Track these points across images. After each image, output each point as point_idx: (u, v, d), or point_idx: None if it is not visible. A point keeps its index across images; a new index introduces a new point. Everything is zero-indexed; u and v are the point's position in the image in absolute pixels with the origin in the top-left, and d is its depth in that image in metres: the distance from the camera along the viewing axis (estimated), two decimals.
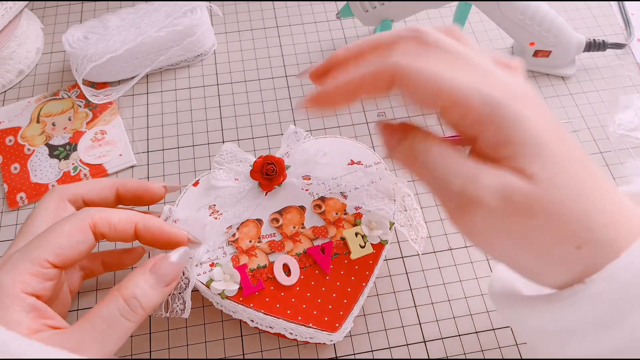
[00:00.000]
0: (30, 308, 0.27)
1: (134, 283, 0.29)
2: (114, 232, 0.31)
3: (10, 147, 0.49)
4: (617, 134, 0.48)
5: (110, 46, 0.49)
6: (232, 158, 0.41)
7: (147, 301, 0.29)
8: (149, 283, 0.29)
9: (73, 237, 0.29)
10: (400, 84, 0.25)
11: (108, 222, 0.31)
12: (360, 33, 0.57)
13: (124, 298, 0.28)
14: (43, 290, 0.28)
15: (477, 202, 0.22)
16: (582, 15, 0.58)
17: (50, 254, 0.28)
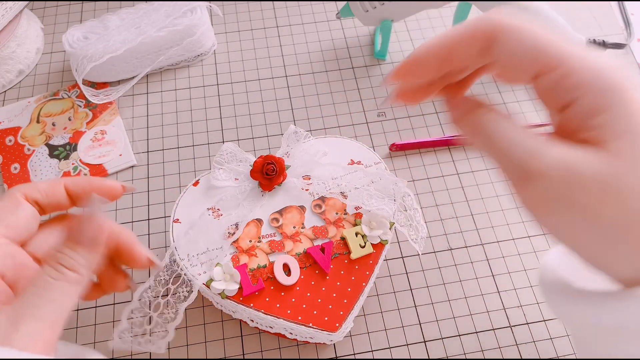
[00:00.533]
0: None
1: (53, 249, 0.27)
2: (46, 197, 0.30)
3: (10, 147, 0.49)
4: None
5: (110, 46, 0.49)
6: (232, 158, 0.41)
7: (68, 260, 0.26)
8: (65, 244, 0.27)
9: (11, 209, 0.29)
10: (501, 43, 0.23)
11: (37, 188, 0.30)
12: (360, 33, 0.57)
13: (45, 263, 0.26)
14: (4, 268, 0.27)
15: (538, 173, 0.21)
16: (583, 15, 0.58)
17: (1, 227, 0.28)
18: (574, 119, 0.22)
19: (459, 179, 0.47)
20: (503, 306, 0.41)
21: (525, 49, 0.23)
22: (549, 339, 0.39)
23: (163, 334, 0.34)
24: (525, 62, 0.23)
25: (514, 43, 0.23)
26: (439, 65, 0.25)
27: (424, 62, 0.25)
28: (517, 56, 0.23)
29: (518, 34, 0.23)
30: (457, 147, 0.49)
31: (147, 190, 0.46)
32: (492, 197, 0.46)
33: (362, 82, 0.53)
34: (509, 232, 0.44)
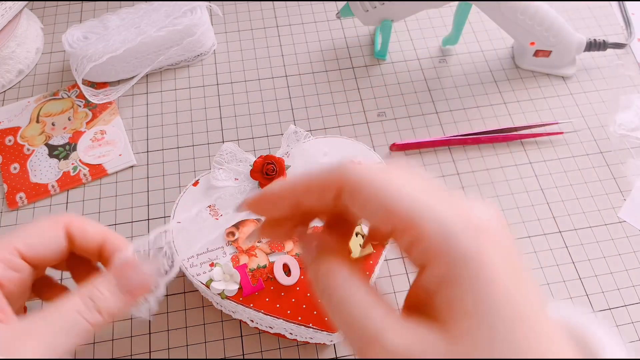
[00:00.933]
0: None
1: (94, 284, 0.28)
2: (84, 239, 0.30)
3: (9, 147, 0.49)
4: (618, 134, 0.48)
5: (110, 46, 0.49)
6: (232, 158, 0.41)
7: (106, 305, 0.27)
8: (109, 288, 0.28)
9: (45, 231, 0.29)
10: (349, 196, 0.21)
11: (83, 226, 0.30)
12: (360, 33, 0.57)
13: (80, 297, 0.27)
14: (5, 279, 0.27)
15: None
16: (583, 15, 0.58)
17: (21, 243, 0.28)
18: (424, 289, 0.20)
19: (459, 179, 0.47)
20: None
21: (373, 208, 0.21)
22: None
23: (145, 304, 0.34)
24: (375, 220, 0.21)
25: (362, 201, 0.21)
26: (290, 207, 0.24)
27: (274, 202, 0.24)
28: (365, 214, 0.21)
29: (367, 191, 0.21)
30: (457, 147, 0.49)
31: (147, 190, 0.46)
32: (493, 197, 0.46)
33: (362, 82, 0.53)
34: None
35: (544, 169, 0.47)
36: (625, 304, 0.41)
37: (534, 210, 0.45)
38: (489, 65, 0.54)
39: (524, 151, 0.48)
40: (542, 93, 0.52)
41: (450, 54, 0.55)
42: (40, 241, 0.29)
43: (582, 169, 0.47)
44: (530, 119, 0.50)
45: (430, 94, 0.52)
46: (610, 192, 0.46)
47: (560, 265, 0.42)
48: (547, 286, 0.41)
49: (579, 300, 0.41)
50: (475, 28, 0.57)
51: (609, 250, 0.43)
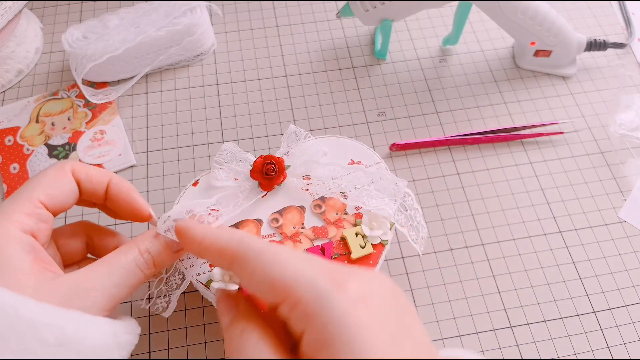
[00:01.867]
0: (29, 248, 0.27)
1: (148, 240, 0.30)
2: (89, 182, 0.31)
3: (9, 147, 0.49)
4: (618, 134, 0.48)
5: (110, 46, 0.48)
6: (232, 158, 0.40)
7: (159, 259, 0.30)
8: (160, 243, 0.30)
9: (58, 179, 0.30)
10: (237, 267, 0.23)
11: (86, 170, 0.32)
12: (360, 33, 0.57)
13: (139, 251, 0.29)
14: (39, 231, 0.28)
15: None
16: (583, 15, 0.58)
17: (42, 194, 0.29)
18: (307, 351, 0.21)
19: (459, 179, 0.47)
20: (504, 306, 0.41)
21: (258, 279, 0.22)
22: (549, 339, 0.39)
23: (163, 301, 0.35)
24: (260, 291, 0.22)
25: (248, 273, 0.23)
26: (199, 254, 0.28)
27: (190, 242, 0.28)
28: (252, 285, 0.23)
29: (254, 263, 0.22)
30: (457, 147, 0.49)
31: (147, 190, 0.46)
32: (492, 197, 0.46)
33: (362, 82, 0.53)
34: (510, 232, 0.44)
35: (544, 169, 0.47)
36: (625, 304, 0.41)
37: (534, 210, 0.45)
38: (489, 65, 0.54)
39: (524, 151, 0.48)
40: (542, 93, 0.52)
41: (451, 54, 0.55)
42: (57, 189, 0.30)
43: (583, 169, 0.47)
44: (530, 119, 0.50)
45: (431, 93, 0.52)
46: (610, 192, 0.46)
47: (560, 265, 0.42)
48: (547, 286, 0.41)
49: (579, 300, 0.41)
50: (475, 28, 0.57)
51: (609, 250, 0.43)
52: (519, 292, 0.41)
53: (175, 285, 0.34)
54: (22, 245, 0.26)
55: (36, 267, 0.26)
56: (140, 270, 0.29)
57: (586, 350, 0.39)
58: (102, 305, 0.26)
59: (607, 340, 0.39)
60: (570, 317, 0.40)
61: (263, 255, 0.23)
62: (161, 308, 0.35)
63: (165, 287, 0.35)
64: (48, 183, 0.30)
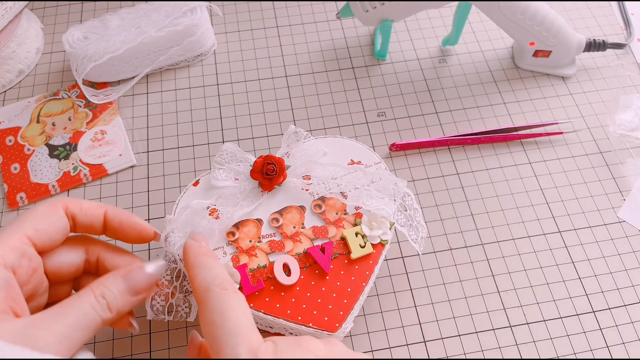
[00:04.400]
0: (3, 283, 0.27)
1: (104, 284, 0.29)
2: (84, 216, 0.32)
3: (10, 147, 0.49)
4: (617, 134, 0.48)
5: (110, 46, 0.49)
6: (232, 158, 0.41)
7: (115, 304, 0.29)
8: (118, 288, 0.29)
9: (49, 214, 0.30)
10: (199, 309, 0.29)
11: (79, 205, 0.32)
12: (360, 33, 0.57)
13: (94, 295, 0.28)
14: (20, 267, 0.28)
15: None
16: (582, 15, 0.58)
17: (30, 229, 0.29)
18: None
19: (459, 179, 0.47)
20: (503, 306, 0.41)
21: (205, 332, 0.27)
22: (549, 339, 0.39)
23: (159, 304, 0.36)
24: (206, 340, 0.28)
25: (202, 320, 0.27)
26: None
27: None
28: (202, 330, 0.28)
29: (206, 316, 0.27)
30: (457, 147, 0.49)
31: (147, 190, 0.46)
32: (492, 197, 0.46)
33: (362, 82, 0.53)
34: (509, 232, 0.44)
35: (544, 169, 0.47)
36: (625, 304, 0.41)
37: (534, 210, 0.45)
38: (488, 65, 0.54)
39: (523, 151, 0.48)
40: (541, 93, 0.52)
41: (450, 54, 0.55)
42: (47, 224, 0.30)
43: (582, 169, 0.47)
44: (530, 119, 0.50)
45: (430, 94, 0.52)
46: (609, 192, 0.46)
47: (560, 265, 0.43)
48: (546, 286, 0.41)
49: (578, 300, 0.41)
50: (475, 28, 0.57)
51: (609, 250, 0.43)
52: (519, 292, 0.41)
53: (190, 289, 0.35)
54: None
55: (2, 305, 0.26)
56: (96, 313, 0.28)
57: (585, 350, 0.39)
58: (55, 347, 0.25)
59: (606, 340, 0.39)
60: (569, 316, 0.40)
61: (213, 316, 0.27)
62: (184, 314, 0.35)
63: (182, 293, 0.35)
64: (37, 218, 0.30)
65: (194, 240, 0.33)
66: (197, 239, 0.33)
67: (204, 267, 0.30)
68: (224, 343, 0.26)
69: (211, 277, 0.29)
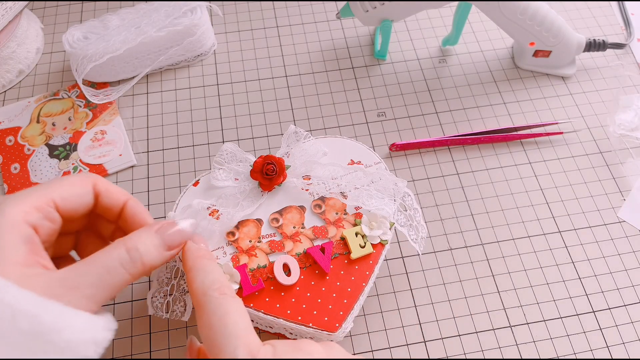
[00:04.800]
0: (27, 239, 0.27)
1: (138, 237, 0.29)
2: (107, 197, 0.32)
3: (10, 147, 0.49)
4: (617, 134, 0.48)
5: (110, 46, 0.49)
6: (232, 158, 0.41)
7: (148, 257, 0.29)
8: (153, 241, 0.30)
9: (77, 186, 0.30)
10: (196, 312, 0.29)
11: (107, 186, 0.32)
12: (360, 33, 0.57)
13: (126, 248, 0.28)
14: (42, 227, 0.28)
15: None
16: (582, 15, 0.58)
17: (56, 195, 0.29)
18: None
19: (459, 179, 0.47)
20: (503, 306, 0.41)
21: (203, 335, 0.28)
22: (549, 339, 0.39)
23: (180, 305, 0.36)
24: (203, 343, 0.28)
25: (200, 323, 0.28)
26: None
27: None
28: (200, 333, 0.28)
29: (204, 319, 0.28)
30: (457, 147, 0.49)
31: (147, 190, 0.46)
32: (492, 197, 0.46)
33: (362, 82, 0.53)
34: (509, 232, 0.44)
35: (544, 169, 0.47)
36: (625, 304, 0.41)
37: (534, 210, 0.45)
38: (488, 65, 0.54)
39: (523, 151, 0.48)
40: (541, 93, 0.52)
41: (450, 54, 0.55)
42: (73, 195, 0.30)
43: (582, 169, 0.47)
44: (529, 119, 0.50)
45: (430, 94, 0.52)
46: (609, 192, 0.46)
47: (560, 265, 0.43)
48: (546, 286, 0.41)
49: (578, 300, 0.41)
50: (475, 28, 0.57)
51: (609, 250, 0.43)
52: (519, 292, 0.41)
53: (187, 289, 0.34)
54: (20, 234, 0.27)
55: (29, 258, 0.26)
56: (124, 269, 0.28)
57: (585, 350, 0.39)
58: (80, 305, 0.26)
59: (606, 340, 0.39)
60: (569, 316, 0.40)
61: (211, 319, 0.27)
62: (179, 313, 0.35)
63: (178, 292, 0.35)
64: (66, 187, 0.30)
65: (194, 241, 0.33)
66: (197, 240, 0.33)
67: (203, 271, 0.30)
68: (223, 346, 0.26)
69: (209, 281, 0.29)
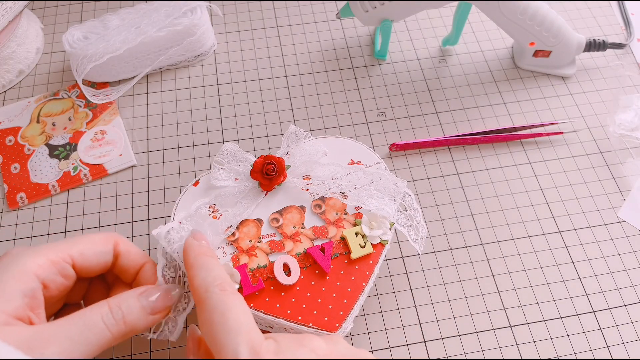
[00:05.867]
0: (29, 292, 0.27)
1: (123, 297, 0.29)
2: (127, 260, 0.32)
3: (10, 147, 0.49)
4: (617, 134, 0.48)
5: (110, 46, 0.49)
6: (232, 158, 0.41)
7: (131, 317, 0.29)
8: (136, 303, 0.30)
9: (98, 245, 0.31)
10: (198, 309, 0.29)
11: (128, 248, 0.32)
12: (360, 33, 0.57)
13: (109, 306, 0.28)
14: (52, 282, 0.28)
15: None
16: (582, 15, 0.58)
17: (76, 252, 0.29)
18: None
19: (459, 179, 0.47)
20: (503, 306, 0.41)
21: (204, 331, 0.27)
22: (549, 339, 0.39)
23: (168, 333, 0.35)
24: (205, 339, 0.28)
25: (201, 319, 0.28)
26: None
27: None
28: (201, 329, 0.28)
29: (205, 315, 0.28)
30: (457, 147, 0.49)
31: (147, 190, 0.46)
32: (492, 197, 0.46)
33: (362, 82, 0.53)
34: (509, 232, 0.44)
35: (544, 169, 0.47)
36: (625, 304, 0.41)
37: (534, 210, 0.45)
38: (488, 65, 0.54)
39: (523, 151, 0.48)
40: (541, 93, 0.52)
41: (450, 54, 0.55)
42: (93, 253, 0.30)
43: (582, 169, 0.47)
44: (529, 119, 0.50)
45: (430, 94, 0.52)
46: (609, 192, 0.46)
47: (560, 265, 0.43)
48: (546, 286, 0.41)
49: (578, 300, 0.41)
50: (475, 28, 0.57)
51: (609, 250, 0.43)
52: (519, 292, 0.41)
53: (181, 309, 0.34)
54: (24, 287, 0.27)
55: (21, 312, 0.26)
56: (105, 326, 0.27)
57: (585, 350, 0.39)
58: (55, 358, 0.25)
59: (606, 340, 0.39)
60: (569, 316, 0.40)
61: (213, 315, 0.27)
62: (168, 333, 0.34)
63: (173, 313, 0.34)
64: (88, 244, 0.30)
65: (195, 238, 0.33)
66: (198, 237, 0.33)
67: (204, 268, 0.30)
68: (225, 342, 0.26)
69: (211, 278, 0.29)
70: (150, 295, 0.30)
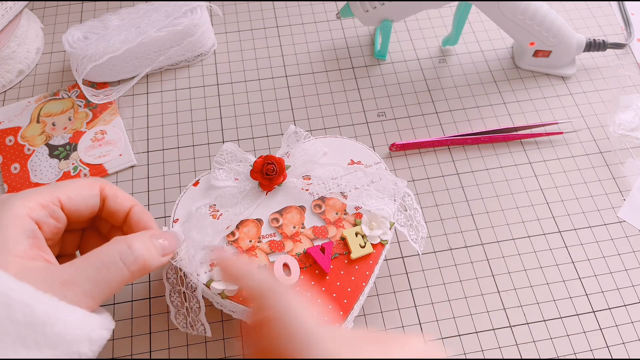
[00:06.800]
0: (30, 233, 0.27)
1: (138, 237, 0.29)
2: (114, 202, 0.32)
3: (10, 147, 0.49)
4: (617, 134, 0.48)
5: (110, 46, 0.49)
6: (232, 158, 0.41)
7: (148, 255, 0.29)
8: (152, 242, 0.30)
9: (85, 189, 0.31)
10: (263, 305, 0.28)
11: (114, 191, 0.32)
12: (360, 33, 0.57)
13: (127, 244, 0.28)
14: (45, 224, 0.28)
15: None
16: (582, 15, 0.58)
17: (63, 194, 0.29)
18: None
19: (459, 179, 0.47)
20: (503, 306, 0.41)
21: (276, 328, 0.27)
22: (549, 339, 0.39)
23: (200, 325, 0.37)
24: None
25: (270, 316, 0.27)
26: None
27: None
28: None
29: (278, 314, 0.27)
30: (457, 147, 0.49)
31: (147, 190, 0.46)
32: (492, 197, 0.46)
33: (362, 82, 0.53)
34: (509, 232, 0.44)
35: (544, 169, 0.47)
36: (625, 303, 0.41)
37: (534, 210, 0.45)
38: (488, 65, 0.54)
39: (523, 151, 0.48)
40: (541, 93, 0.52)
41: (450, 54, 0.55)
42: (80, 197, 0.30)
43: (582, 169, 0.47)
44: (529, 119, 0.50)
45: (430, 94, 0.52)
46: (609, 192, 0.46)
47: (560, 265, 0.43)
48: (546, 286, 0.41)
49: (578, 300, 0.41)
50: (475, 28, 0.57)
51: (609, 250, 0.43)
52: (519, 292, 0.41)
53: (196, 310, 0.36)
54: (23, 228, 0.27)
55: (30, 252, 0.27)
56: (124, 266, 0.28)
57: (585, 350, 0.39)
58: (77, 300, 0.25)
59: (606, 340, 0.39)
60: (569, 316, 0.40)
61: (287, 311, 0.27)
62: (202, 331, 0.36)
63: (192, 315, 0.36)
64: (74, 188, 0.30)
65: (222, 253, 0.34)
66: (222, 251, 0.34)
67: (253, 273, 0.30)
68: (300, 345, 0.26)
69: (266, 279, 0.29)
70: (160, 238, 0.31)
